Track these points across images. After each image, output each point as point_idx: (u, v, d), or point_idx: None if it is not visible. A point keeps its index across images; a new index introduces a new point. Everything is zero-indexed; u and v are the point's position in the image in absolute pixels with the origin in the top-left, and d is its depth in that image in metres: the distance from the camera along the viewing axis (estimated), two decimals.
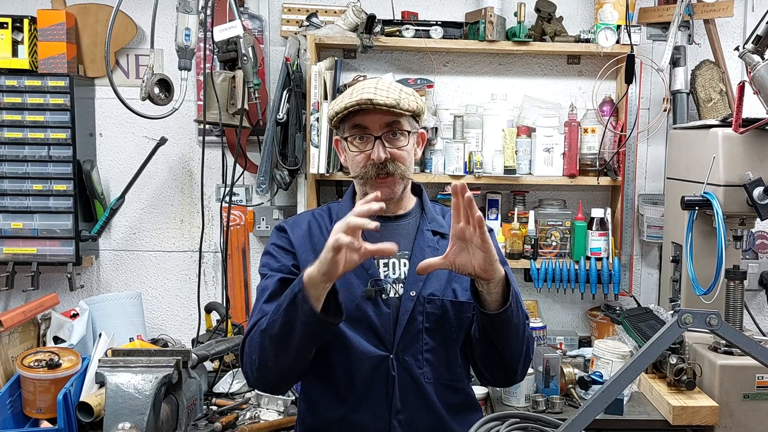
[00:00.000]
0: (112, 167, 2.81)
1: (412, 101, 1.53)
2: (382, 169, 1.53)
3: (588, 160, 2.71)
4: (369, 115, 1.51)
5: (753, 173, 2.17)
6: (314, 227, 1.63)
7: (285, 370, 1.49)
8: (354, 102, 1.48)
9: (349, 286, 1.54)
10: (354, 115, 1.51)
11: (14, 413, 2.08)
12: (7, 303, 2.80)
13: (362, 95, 1.48)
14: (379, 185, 1.53)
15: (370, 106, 1.48)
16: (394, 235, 1.58)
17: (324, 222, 1.64)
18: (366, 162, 1.53)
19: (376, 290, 1.55)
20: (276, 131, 2.63)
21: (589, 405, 1.12)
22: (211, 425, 2.07)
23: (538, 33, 2.70)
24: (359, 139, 1.54)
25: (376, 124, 1.52)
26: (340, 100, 1.54)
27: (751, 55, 2.10)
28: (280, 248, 1.61)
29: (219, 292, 2.77)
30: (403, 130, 1.54)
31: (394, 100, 1.49)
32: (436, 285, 1.57)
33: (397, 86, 1.55)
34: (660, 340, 1.15)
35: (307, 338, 1.41)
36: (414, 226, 1.63)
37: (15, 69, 2.57)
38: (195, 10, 2.36)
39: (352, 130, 1.54)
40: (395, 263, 1.59)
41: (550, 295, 2.89)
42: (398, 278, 1.57)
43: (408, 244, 1.60)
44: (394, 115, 1.51)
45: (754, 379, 2.09)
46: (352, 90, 1.54)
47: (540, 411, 2.10)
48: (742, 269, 2.21)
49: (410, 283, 1.56)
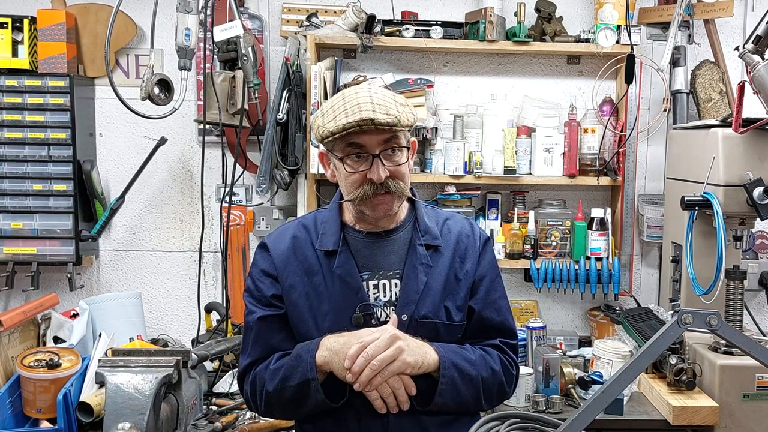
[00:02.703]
0: (112, 167, 2.81)
1: (409, 114, 1.45)
2: (381, 188, 1.44)
3: (588, 160, 2.71)
4: (367, 134, 1.41)
5: (753, 173, 2.17)
6: (298, 242, 1.55)
7: (297, 417, 1.59)
8: (353, 122, 1.38)
9: (337, 310, 1.49)
10: (351, 133, 1.40)
11: (14, 413, 2.08)
12: (7, 303, 2.80)
13: (361, 114, 1.38)
14: (377, 205, 1.47)
15: (371, 126, 1.38)
16: (385, 252, 1.53)
17: (309, 235, 1.56)
18: (362, 182, 1.44)
19: (365, 315, 1.48)
20: (276, 131, 2.63)
21: (589, 405, 1.12)
22: (211, 425, 2.07)
23: (538, 33, 2.70)
24: (355, 158, 1.43)
25: (374, 142, 1.42)
26: (331, 116, 1.41)
27: (751, 55, 2.10)
28: (261, 272, 1.56)
29: (219, 292, 2.77)
30: (401, 146, 1.46)
31: (395, 116, 1.40)
32: (429, 306, 1.50)
33: (390, 96, 1.45)
34: (660, 340, 1.15)
35: (317, 411, 1.48)
36: (406, 240, 1.54)
37: (15, 69, 2.57)
38: (195, 10, 2.36)
39: (347, 149, 1.43)
40: (386, 284, 1.51)
41: (550, 295, 2.89)
42: (389, 300, 1.50)
43: (399, 262, 1.52)
44: (392, 132, 1.43)
45: (754, 379, 2.09)
46: (344, 104, 1.41)
47: (540, 411, 2.10)
48: (742, 269, 2.21)
49: (402, 306, 1.49)
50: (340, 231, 1.54)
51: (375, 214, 1.48)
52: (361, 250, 1.53)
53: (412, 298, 1.50)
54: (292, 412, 1.54)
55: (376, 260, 1.52)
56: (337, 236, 1.53)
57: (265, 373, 1.51)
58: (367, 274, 1.51)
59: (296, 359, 1.46)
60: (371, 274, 1.52)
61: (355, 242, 1.54)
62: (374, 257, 1.53)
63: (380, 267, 1.52)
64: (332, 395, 1.46)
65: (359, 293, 1.49)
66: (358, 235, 1.54)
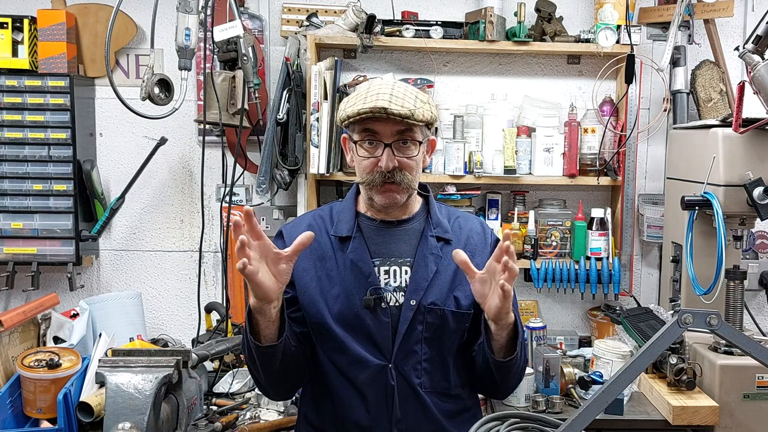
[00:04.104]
0: (112, 167, 2.81)
1: (427, 111, 1.49)
2: (389, 177, 1.49)
3: (588, 160, 2.71)
4: (381, 122, 1.46)
5: (753, 173, 2.17)
6: (314, 230, 1.57)
7: (277, 384, 1.56)
8: (368, 109, 1.43)
9: (348, 293, 1.53)
10: (366, 119, 1.46)
11: (14, 413, 2.08)
12: (7, 303, 2.80)
13: (377, 102, 1.43)
14: (384, 192, 1.51)
15: (383, 114, 1.43)
16: (397, 240, 1.58)
17: (324, 223, 1.62)
18: (373, 168, 1.49)
19: (375, 299, 1.52)
20: (276, 131, 2.63)
21: (589, 405, 1.12)
22: (211, 425, 2.07)
23: (538, 33, 2.70)
24: (369, 144, 1.49)
25: (388, 132, 1.47)
26: (353, 101, 1.49)
27: (751, 55, 2.10)
28: None
29: (219, 292, 2.77)
30: (414, 139, 1.50)
31: (409, 110, 1.44)
32: (437, 293, 1.54)
33: (413, 92, 1.50)
34: (660, 340, 1.15)
35: (263, 361, 1.46)
36: (418, 231, 1.60)
37: (15, 69, 2.57)
38: (195, 10, 2.36)
39: (363, 133, 1.50)
40: (396, 271, 1.56)
41: (550, 295, 2.89)
42: (399, 286, 1.55)
43: (411, 251, 1.57)
44: (407, 125, 1.47)
45: (754, 379, 2.09)
46: (367, 91, 1.48)
47: (540, 411, 2.10)
48: (742, 269, 2.21)
49: (411, 292, 1.54)
50: (354, 218, 1.59)
51: (381, 201, 1.53)
52: (373, 237, 1.58)
53: (422, 285, 1.54)
54: (261, 375, 1.50)
55: (388, 247, 1.57)
56: (351, 223, 1.58)
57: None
58: (378, 260, 1.56)
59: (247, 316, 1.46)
60: (383, 261, 1.56)
61: (368, 230, 1.58)
62: (386, 245, 1.58)
63: (392, 254, 1.57)
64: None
65: (370, 277, 1.53)
66: (372, 223, 1.59)
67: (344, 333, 1.52)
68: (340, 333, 1.52)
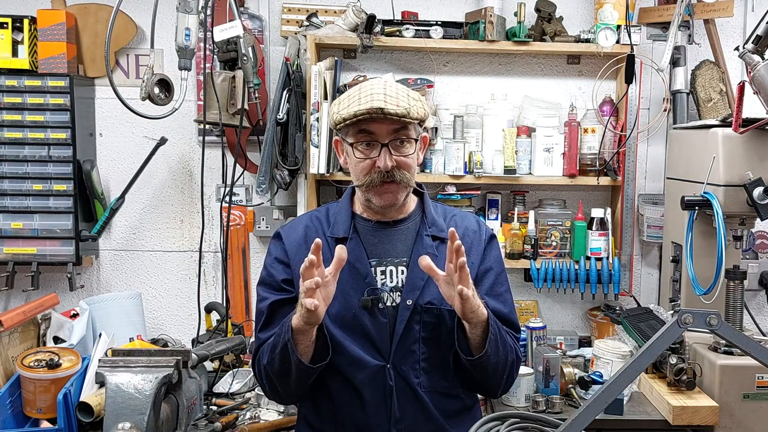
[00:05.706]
0: (112, 167, 2.81)
1: (420, 108, 1.50)
2: (388, 177, 1.50)
3: (588, 160, 2.71)
4: (377, 122, 1.47)
5: (753, 173, 2.17)
6: (310, 231, 1.61)
7: (292, 392, 1.58)
8: (364, 110, 1.44)
9: (346, 294, 1.53)
10: (361, 121, 1.47)
11: (14, 413, 2.08)
12: (7, 303, 2.80)
13: (372, 103, 1.44)
14: (383, 192, 1.52)
15: (380, 115, 1.44)
16: (393, 240, 1.59)
17: (321, 225, 1.62)
18: (371, 169, 1.50)
19: (373, 300, 1.53)
20: (276, 131, 2.63)
21: (589, 405, 1.12)
22: (211, 425, 2.07)
23: (538, 33, 2.70)
24: (365, 145, 1.50)
25: (384, 131, 1.48)
26: (346, 104, 1.49)
27: (751, 55, 2.10)
28: (275, 260, 1.62)
29: (219, 292, 2.77)
30: (410, 137, 1.51)
31: (405, 108, 1.45)
32: (434, 293, 1.54)
33: (404, 90, 1.51)
34: (660, 340, 1.15)
35: (302, 377, 1.49)
36: (413, 230, 1.61)
37: (15, 69, 2.57)
38: (195, 10, 2.36)
39: (358, 135, 1.50)
40: (393, 271, 1.57)
41: (550, 295, 2.89)
42: (395, 286, 1.56)
43: (406, 251, 1.58)
44: (402, 123, 1.48)
45: (754, 379, 2.09)
46: (359, 93, 1.49)
47: (540, 411, 2.10)
48: (742, 269, 2.21)
49: (407, 292, 1.54)
50: (350, 220, 1.61)
51: (381, 202, 1.54)
52: (370, 238, 1.59)
53: (418, 285, 1.54)
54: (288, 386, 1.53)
55: (384, 248, 1.58)
56: (347, 225, 1.60)
57: (265, 348, 1.54)
58: (375, 260, 1.57)
59: (281, 327, 1.48)
60: (379, 261, 1.57)
61: (364, 231, 1.60)
62: (382, 245, 1.59)
63: (388, 254, 1.58)
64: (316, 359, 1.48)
65: (367, 278, 1.55)
66: (368, 224, 1.60)
67: (342, 334, 1.53)
68: (338, 334, 1.53)
